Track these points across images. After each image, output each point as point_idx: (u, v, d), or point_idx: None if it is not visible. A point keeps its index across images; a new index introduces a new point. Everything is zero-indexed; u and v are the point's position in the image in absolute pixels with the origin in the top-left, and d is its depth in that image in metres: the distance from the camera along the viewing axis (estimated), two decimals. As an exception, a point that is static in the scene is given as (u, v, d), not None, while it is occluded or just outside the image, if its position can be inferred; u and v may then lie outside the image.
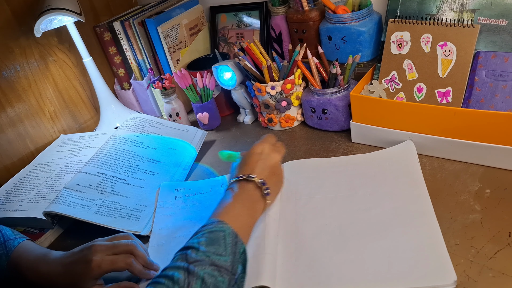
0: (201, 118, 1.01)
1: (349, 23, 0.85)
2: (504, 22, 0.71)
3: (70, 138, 1.04)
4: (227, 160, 0.70)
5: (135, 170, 0.84)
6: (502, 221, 0.58)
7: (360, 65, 0.91)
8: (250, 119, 1.02)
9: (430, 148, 0.73)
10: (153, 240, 0.70)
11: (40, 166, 0.94)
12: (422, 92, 0.80)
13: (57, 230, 0.79)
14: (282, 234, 0.64)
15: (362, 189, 0.69)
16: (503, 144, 0.65)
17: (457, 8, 0.75)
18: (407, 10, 0.80)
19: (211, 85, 0.97)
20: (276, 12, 0.97)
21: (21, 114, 0.98)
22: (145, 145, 0.90)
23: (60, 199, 0.75)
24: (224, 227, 0.52)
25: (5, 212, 0.80)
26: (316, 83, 0.87)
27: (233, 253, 0.50)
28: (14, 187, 0.88)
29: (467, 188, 0.66)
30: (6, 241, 0.63)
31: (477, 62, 0.73)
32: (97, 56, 1.10)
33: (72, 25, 0.97)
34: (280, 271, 0.57)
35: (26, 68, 0.98)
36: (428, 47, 0.77)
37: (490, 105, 0.73)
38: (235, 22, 1.11)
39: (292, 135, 0.93)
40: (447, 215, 0.61)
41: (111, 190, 0.79)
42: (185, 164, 0.88)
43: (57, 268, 0.59)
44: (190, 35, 1.09)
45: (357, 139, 0.83)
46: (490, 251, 0.54)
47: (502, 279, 0.51)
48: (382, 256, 0.56)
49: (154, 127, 0.95)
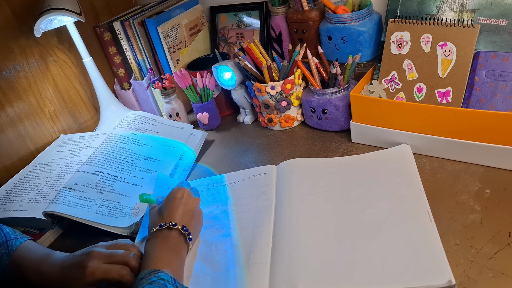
0: (201, 118, 1.01)
1: (349, 23, 0.85)
2: (504, 22, 0.71)
3: (70, 138, 1.04)
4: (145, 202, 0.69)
5: (133, 168, 0.84)
6: (502, 221, 0.58)
7: (360, 65, 0.91)
8: (250, 119, 1.02)
9: (430, 148, 0.73)
10: (141, 234, 0.70)
11: (40, 166, 0.94)
12: (422, 92, 0.80)
13: (57, 230, 0.79)
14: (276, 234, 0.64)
15: (356, 189, 0.68)
16: (503, 144, 0.65)
17: (457, 8, 0.75)
18: (407, 10, 0.80)
19: (211, 85, 0.97)
20: (276, 12, 0.97)
21: (21, 114, 0.98)
22: (141, 143, 0.89)
23: (59, 199, 0.75)
24: (162, 274, 0.52)
25: (5, 212, 0.80)
26: (316, 83, 0.87)
27: None
28: (14, 187, 0.88)
29: (467, 188, 0.66)
30: (8, 240, 0.63)
31: (477, 62, 0.73)
32: (97, 56, 1.10)
33: (72, 25, 0.97)
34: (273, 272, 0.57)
35: (26, 68, 0.98)
36: (428, 47, 0.77)
37: (490, 105, 0.73)
38: (235, 22, 1.11)
39: (292, 135, 0.93)
40: (447, 215, 0.61)
41: (110, 188, 0.79)
42: (185, 165, 0.88)
43: (56, 270, 0.59)
44: (190, 35, 1.09)
45: (357, 139, 0.83)
46: (490, 251, 0.54)
47: (502, 279, 0.51)
48: (376, 256, 0.56)
49: (150, 124, 0.95)
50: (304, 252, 0.59)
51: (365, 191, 0.67)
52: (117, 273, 0.57)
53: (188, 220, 0.64)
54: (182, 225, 0.62)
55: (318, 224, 0.64)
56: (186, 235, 0.62)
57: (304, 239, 0.61)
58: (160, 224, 0.62)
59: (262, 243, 0.62)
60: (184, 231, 0.62)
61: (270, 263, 0.59)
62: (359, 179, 0.70)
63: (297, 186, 0.72)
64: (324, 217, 0.65)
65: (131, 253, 0.60)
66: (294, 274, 0.56)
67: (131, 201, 0.77)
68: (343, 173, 0.73)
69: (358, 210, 0.64)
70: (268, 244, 0.62)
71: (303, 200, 0.69)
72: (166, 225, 0.61)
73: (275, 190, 0.73)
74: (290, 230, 0.63)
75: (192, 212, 0.65)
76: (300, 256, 0.59)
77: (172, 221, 0.62)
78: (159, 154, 0.88)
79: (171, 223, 0.61)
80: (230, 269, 0.60)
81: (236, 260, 0.61)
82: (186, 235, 0.62)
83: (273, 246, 0.62)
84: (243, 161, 0.88)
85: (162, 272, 0.53)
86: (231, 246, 0.64)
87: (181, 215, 0.63)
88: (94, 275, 0.56)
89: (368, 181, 0.70)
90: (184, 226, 0.62)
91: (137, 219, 0.72)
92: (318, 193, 0.70)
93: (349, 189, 0.69)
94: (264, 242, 0.62)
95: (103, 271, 0.57)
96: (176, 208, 0.64)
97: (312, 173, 0.75)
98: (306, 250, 0.59)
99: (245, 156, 0.89)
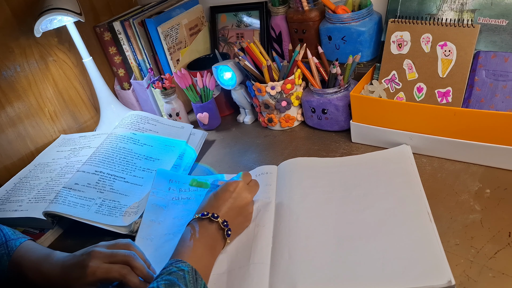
0: (201, 118, 1.01)
1: (349, 23, 0.85)
2: (504, 22, 0.71)
3: (70, 138, 1.04)
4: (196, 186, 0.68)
5: (133, 168, 0.84)
6: (502, 221, 0.58)
7: (360, 65, 0.91)
8: (250, 119, 1.02)
9: (430, 148, 0.73)
10: (142, 231, 0.70)
11: (40, 166, 0.94)
12: (422, 92, 0.80)
13: (57, 230, 0.79)
14: (276, 234, 0.64)
15: (356, 189, 0.68)
16: (503, 144, 0.65)
17: (457, 8, 0.75)
18: (407, 10, 0.80)
19: (211, 85, 0.97)
20: (276, 12, 0.97)
21: (21, 114, 0.98)
22: (141, 143, 0.90)
23: (59, 199, 0.75)
24: (183, 265, 0.52)
25: (5, 212, 0.80)
26: (316, 83, 0.87)
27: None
28: (14, 187, 0.88)
29: (467, 188, 0.66)
30: (7, 241, 0.63)
31: (477, 62, 0.73)
32: (97, 56, 1.10)
33: (72, 25, 0.97)
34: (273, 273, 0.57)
35: (26, 68, 0.98)
36: (428, 47, 0.77)
37: (490, 105, 0.73)
38: (235, 22, 1.11)
39: (292, 135, 0.93)
40: (447, 215, 0.61)
41: (110, 188, 0.79)
42: (185, 164, 0.88)
43: (56, 269, 0.59)
44: (190, 35, 1.09)
45: (357, 139, 0.83)
46: (490, 251, 0.54)
47: (502, 279, 0.51)
48: (376, 257, 0.56)
49: (150, 123, 0.95)
50: (304, 252, 0.59)
51: (365, 191, 0.67)
52: (118, 272, 0.57)
53: (233, 215, 0.63)
54: (223, 220, 0.61)
55: (318, 224, 0.64)
56: (225, 230, 0.61)
57: (304, 239, 0.61)
58: (203, 212, 0.62)
59: (262, 243, 0.62)
60: (224, 226, 0.61)
61: (270, 263, 0.59)
62: (360, 179, 0.70)
63: (298, 186, 0.72)
64: (324, 217, 0.65)
65: (132, 252, 0.60)
66: (294, 274, 0.56)
67: (131, 200, 0.77)
68: (343, 173, 0.73)
69: (358, 210, 0.64)
70: (268, 244, 0.62)
71: (304, 200, 0.69)
72: (208, 215, 0.61)
73: (275, 189, 0.73)
74: (290, 230, 0.63)
75: (239, 209, 0.64)
76: (300, 256, 0.59)
77: (216, 213, 0.61)
78: (159, 154, 0.88)
79: (214, 215, 0.61)
80: (231, 269, 0.60)
81: (237, 260, 0.61)
82: (225, 231, 0.61)
83: (273, 246, 0.62)
84: (243, 161, 0.88)
85: (183, 262, 0.53)
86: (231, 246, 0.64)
87: (227, 209, 0.62)
88: (95, 275, 0.57)
89: (368, 181, 0.70)
90: (225, 221, 0.61)
91: (136, 218, 0.72)
92: (318, 193, 0.70)
93: (349, 189, 0.69)
94: (264, 242, 0.62)
95: (104, 270, 0.57)
96: (224, 201, 0.63)
97: (313, 173, 0.75)
98: (306, 250, 0.59)
99: (245, 156, 0.89)
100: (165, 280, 0.50)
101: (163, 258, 0.65)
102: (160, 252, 0.66)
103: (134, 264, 0.59)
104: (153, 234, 0.70)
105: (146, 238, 0.69)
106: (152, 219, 0.72)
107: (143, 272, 0.59)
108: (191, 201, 0.76)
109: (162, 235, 0.69)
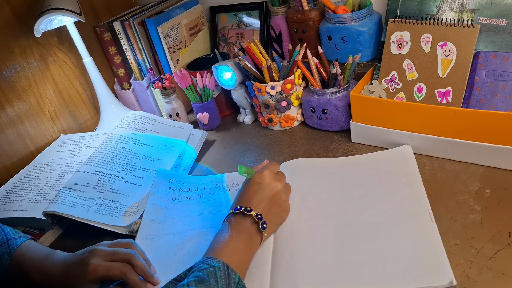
0: (201, 118, 1.01)
1: (349, 23, 0.85)
2: (504, 22, 0.71)
3: (70, 138, 1.04)
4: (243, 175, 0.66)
5: (133, 168, 0.84)
6: (502, 221, 0.58)
7: (360, 65, 0.91)
8: (250, 119, 1.02)
9: (430, 148, 0.73)
10: (142, 231, 0.70)
11: (40, 166, 0.94)
12: (422, 92, 0.80)
13: (57, 230, 0.79)
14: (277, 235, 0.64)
15: (357, 190, 0.68)
16: (503, 144, 0.65)
17: (457, 8, 0.75)
18: (407, 10, 0.80)
19: (211, 85, 0.97)
20: (276, 12, 0.97)
21: (21, 114, 0.98)
22: (141, 143, 0.90)
23: (59, 199, 0.75)
24: (215, 262, 0.52)
25: (5, 212, 0.80)
26: (316, 83, 0.87)
27: (227, 285, 0.50)
28: (14, 187, 0.88)
29: (467, 188, 0.66)
30: (8, 240, 0.63)
31: (477, 62, 0.73)
32: (97, 56, 1.10)
33: (72, 25, 0.97)
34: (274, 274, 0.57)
35: (26, 68, 0.98)
36: (428, 47, 0.77)
37: (490, 105, 0.73)
38: (235, 22, 1.11)
39: (292, 135, 0.93)
40: (447, 215, 0.61)
41: (110, 188, 0.79)
42: (185, 164, 0.88)
43: (58, 268, 0.59)
44: (190, 35, 1.09)
45: (357, 139, 0.83)
46: (490, 251, 0.54)
47: (502, 279, 0.51)
48: (378, 257, 0.56)
49: (150, 123, 0.95)
50: (305, 253, 0.59)
51: (366, 192, 0.67)
52: (119, 270, 0.57)
53: (266, 207, 0.62)
54: (257, 213, 0.60)
55: (319, 224, 0.64)
56: (260, 223, 0.60)
57: (305, 240, 0.61)
58: (236, 207, 0.61)
59: (263, 244, 0.62)
60: (258, 219, 0.60)
61: (271, 264, 0.59)
62: (361, 180, 0.70)
63: (298, 186, 0.72)
64: (325, 217, 0.65)
65: (133, 251, 0.60)
66: (295, 275, 0.56)
67: (131, 200, 0.77)
68: (344, 174, 0.73)
69: (359, 210, 0.64)
70: (269, 245, 0.62)
71: (304, 201, 0.69)
72: (241, 209, 0.60)
73: None
74: (291, 231, 0.63)
75: (271, 199, 0.63)
76: (301, 257, 0.59)
77: (248, 207, 0.60)
78: (159, 154, 0.88)
79: (247, 209, 0.60)
80: None
81: None
82: (259, 224, 0.60)
83: (274, 247, 0.62)
84: (243, 161, 0.88)
85: (214, 259, 0.52)
86: None
87: (258, 201, 0.61)
88: (96, 272, 0.57)
89: (369, 181, 0.70)
90: (259, 213, 0.60)
91: (136, 218, 0.72)
92: (319, 193, 0.70)
93: (350, 190, 0.69)
94: (265, 243, 0.62)
95: (105, 268, 0.57)
96: (254, 193, 0.62)
97: (313, 173, 0.75)
98: (307, 251, 0.59)
99: (245, 156, 0.89)
100: (195, 277, 0.50)
101: (163, 258, 0.65)
102: (160, 252, 0.66)
103: (135, 263, 0.59)
104: (153, 234, 0.70)
105: (146, 238, 0.69)
106: (152, 219, 0.72)
107: (143, 270, 0.59)
108: (191, 201, 0.76)
109: (162, 235, 0.69)
